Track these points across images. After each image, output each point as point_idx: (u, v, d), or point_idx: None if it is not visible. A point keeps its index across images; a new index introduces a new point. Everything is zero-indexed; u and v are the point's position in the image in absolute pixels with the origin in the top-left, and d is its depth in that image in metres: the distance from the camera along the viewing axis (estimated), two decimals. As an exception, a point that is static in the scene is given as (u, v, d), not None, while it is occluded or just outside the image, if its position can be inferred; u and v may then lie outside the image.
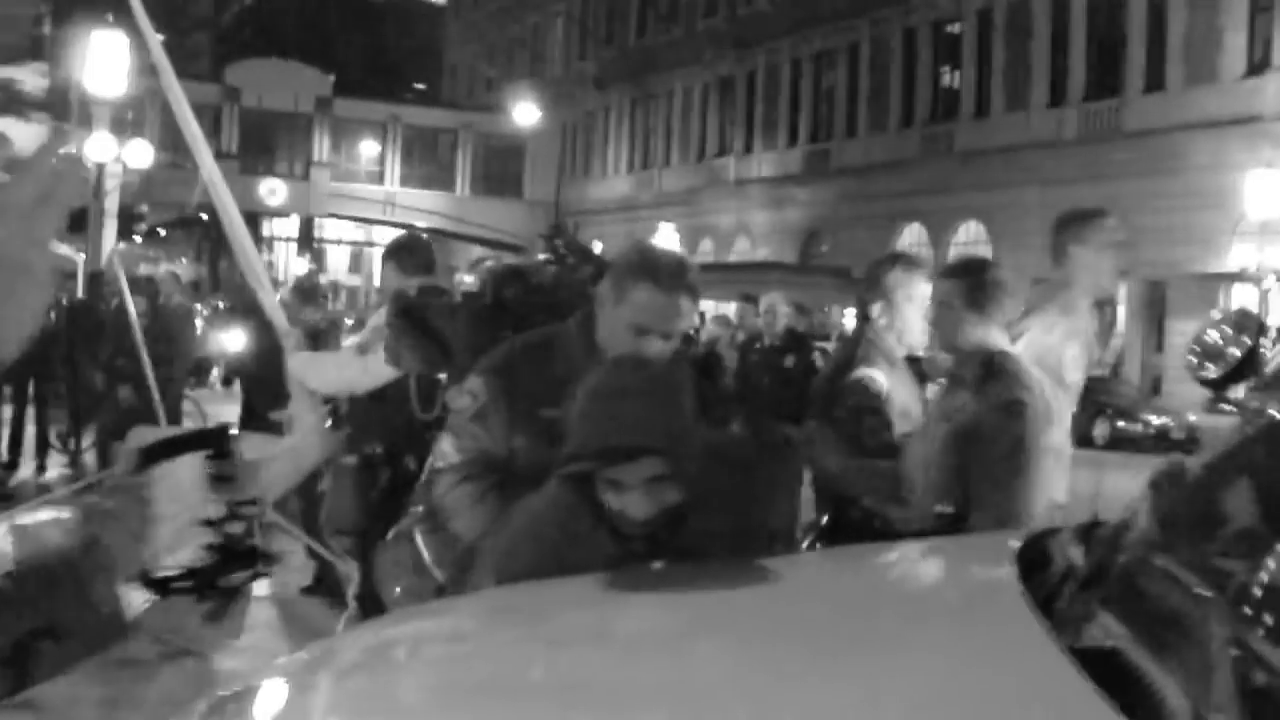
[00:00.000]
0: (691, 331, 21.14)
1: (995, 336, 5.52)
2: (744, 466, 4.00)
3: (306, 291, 14.52)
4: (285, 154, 72.40)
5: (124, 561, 2.58)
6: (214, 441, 2.79)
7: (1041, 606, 2.77)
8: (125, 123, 40.43)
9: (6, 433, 17.49)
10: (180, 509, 5.78)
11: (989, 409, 5.21)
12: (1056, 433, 5.70)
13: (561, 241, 6.56)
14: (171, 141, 67.46)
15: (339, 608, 9.21)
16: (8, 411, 17.55)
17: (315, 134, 72.17)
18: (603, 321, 4.46)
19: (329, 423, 7.62)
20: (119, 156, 29.87)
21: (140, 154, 31.03)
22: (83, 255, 25.88)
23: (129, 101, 41.99)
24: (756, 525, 3.82)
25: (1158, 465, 3.29)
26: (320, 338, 11.30)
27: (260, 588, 9.83)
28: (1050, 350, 6.26)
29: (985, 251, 45.54)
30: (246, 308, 15.49)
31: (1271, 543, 2.66)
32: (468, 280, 13.05)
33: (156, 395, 12.58)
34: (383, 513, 6.61)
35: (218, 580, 2.89)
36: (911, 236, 49.64)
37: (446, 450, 4.61)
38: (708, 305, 41.33)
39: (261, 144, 71.00)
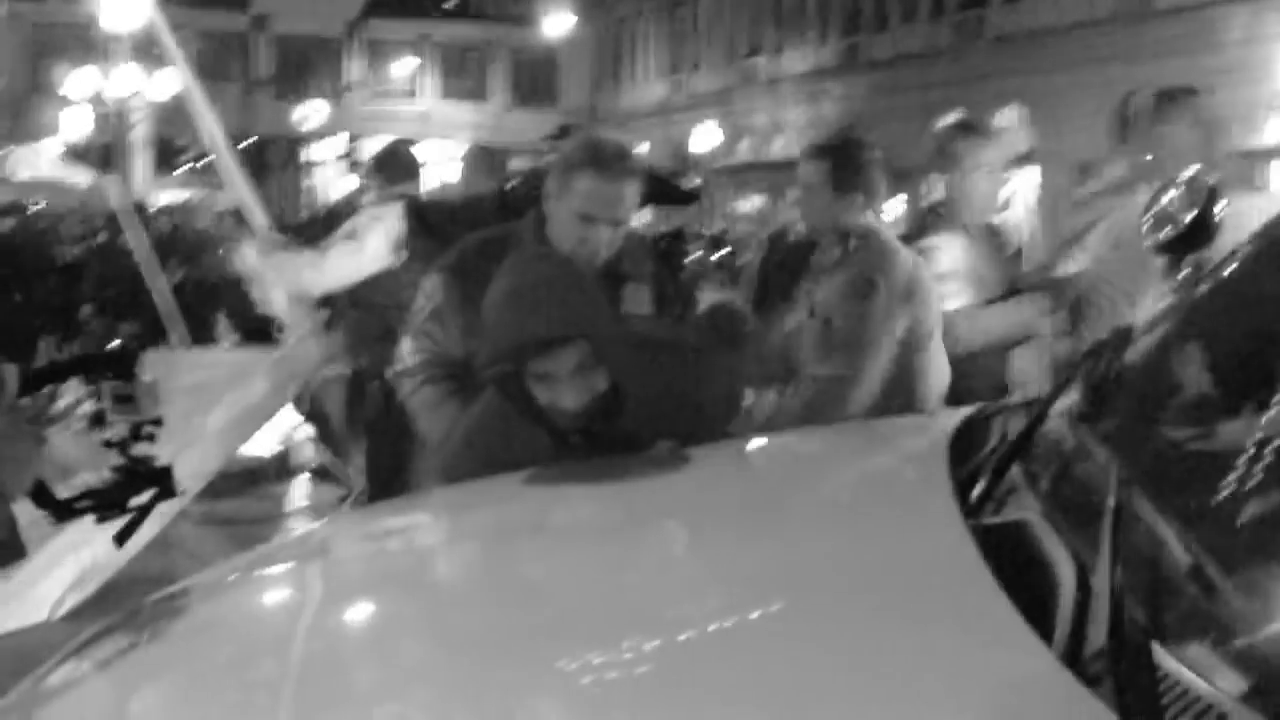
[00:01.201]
0: (717, 232, 21.44)
1: (858, 215, 5.42)
2: (678, 356, 3.99)
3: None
4: (319, 78, 72.30)
5: (11, 483, 2.56)
6: (113, 363, 2.76)
7: (964, 484, 2.73)
8: (152, 54, 40.27)
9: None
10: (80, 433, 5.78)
11: (838, 287, 5.13)
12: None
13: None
14: (208, 68, 68.20)
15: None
16: None
17: (348, 56, 72.05)
18: (551, 216, 4.49)
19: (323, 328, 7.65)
20: (139, 91, 29.84)
21: (167, 85, 30.97)
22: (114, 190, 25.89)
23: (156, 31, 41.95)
24: (692, 416, 3.80)
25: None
26: None
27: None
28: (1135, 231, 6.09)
29: (1028, 137, 45.15)
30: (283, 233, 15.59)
31: (1202, 410, 2.62)
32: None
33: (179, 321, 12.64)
34: (378, 426, 6.63)
35: (123, 501, 2.87)
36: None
37: (405, 353, 4.62)
38: (746, 205, 41.32)
39: (294, 69, 70.91)
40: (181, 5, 67.63)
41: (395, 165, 7.70)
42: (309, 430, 12.94)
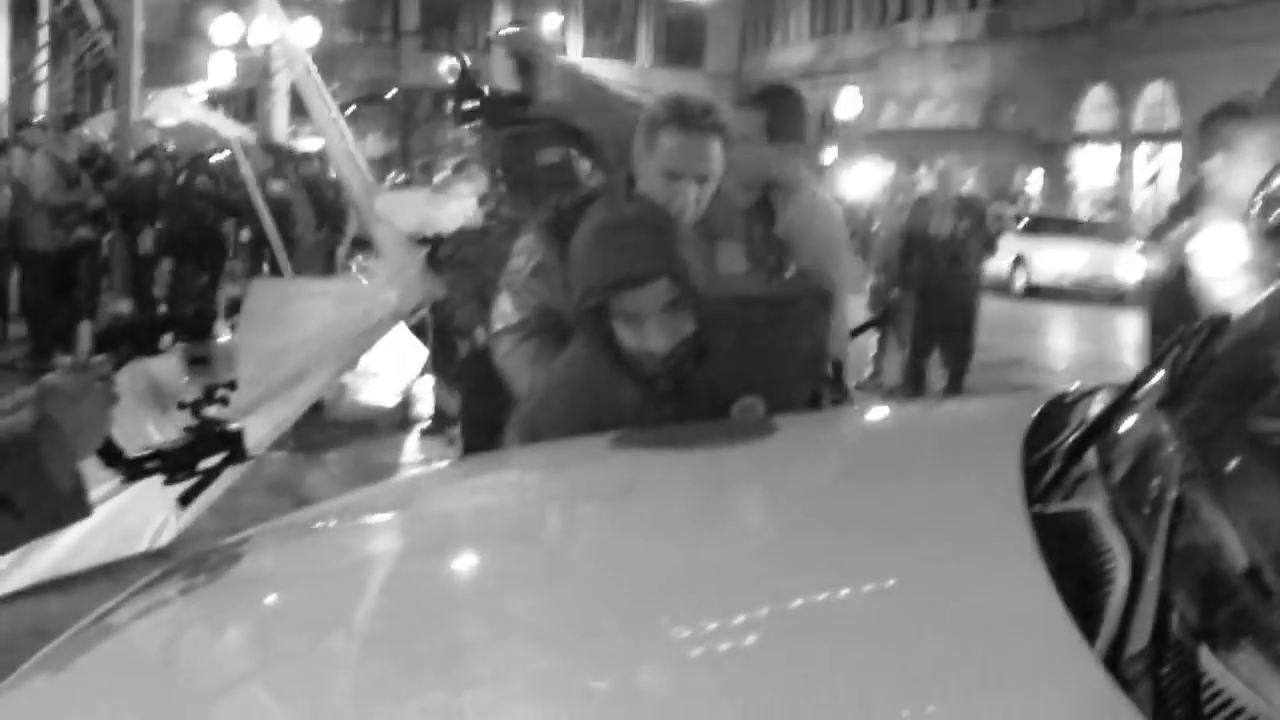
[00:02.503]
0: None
1: (793, 167, 5.32)
2: (766, 309, 3.95)
3: None
4: (467, 29, 72.63)
5: (81, 441, 2.55)
6: (190, 324, 2.75)
7: (1034, 471, 2.64)
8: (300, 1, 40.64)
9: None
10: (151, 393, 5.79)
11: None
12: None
13: None
14: (355, 19, 68.87)
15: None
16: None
17: (496, 8, 72.28)
18: (640, 175, 4.45)
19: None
20: (282, 37, 30.07)
21: (308, 32, 31.24)
22: (255, 135, 26.22)
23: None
24: (778, 372, 3.76)
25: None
26: None
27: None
28: None
29: (1173, 114, 44.55)
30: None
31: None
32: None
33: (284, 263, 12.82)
34: (471, 384, 6.61)
35: (192, 463, 2.86)
36: (1097, 99, 48.61)
37: (506, 311, 4.59)
38: (884, 173, 40.95)
39: (442, 21, 71.29)
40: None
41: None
42: (428, 382, 13.01)
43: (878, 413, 4.08)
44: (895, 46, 59.99)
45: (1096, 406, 3.01)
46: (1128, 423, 2.74)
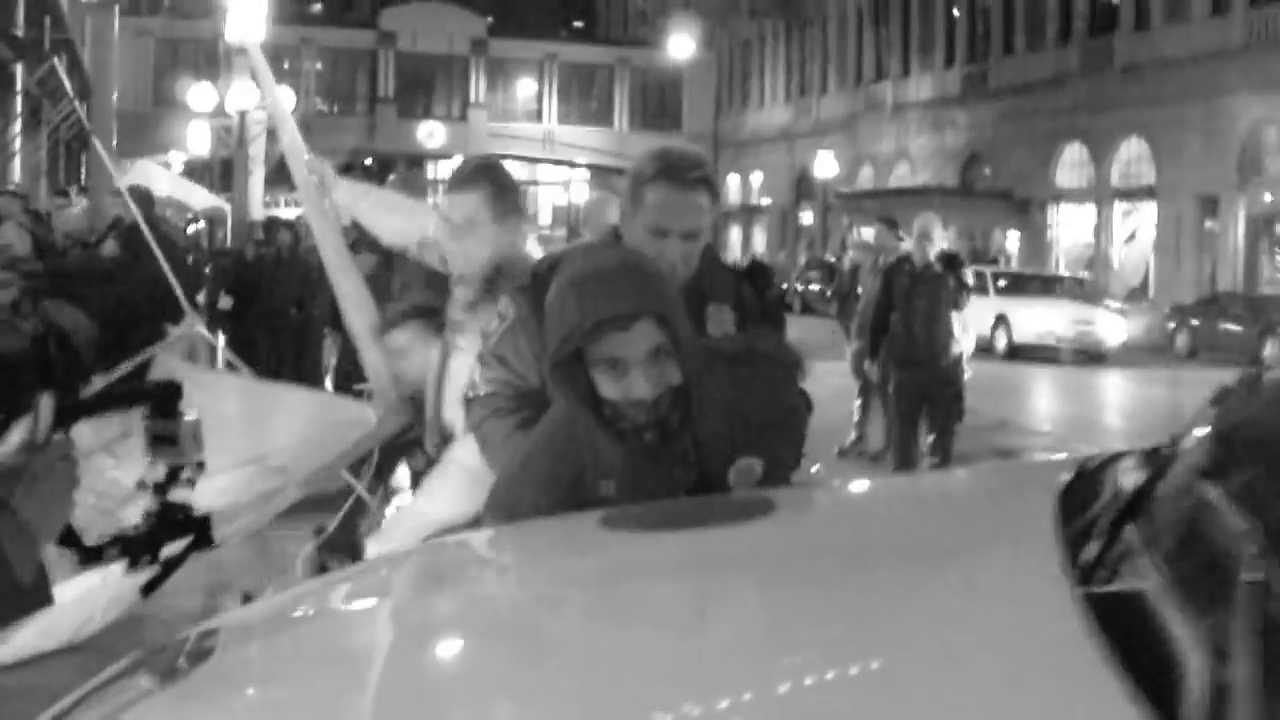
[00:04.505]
0: (833, 259, 21.31)
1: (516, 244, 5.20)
2: (754, 364, 3.74)
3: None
4: (443, 96, 72.97)
5: (41, 526, 2.34)
6: (156, 397, 2.55)
7: (1074, 544, 2.43)
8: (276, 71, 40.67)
9: None
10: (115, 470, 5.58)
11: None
12: None
13: None
14: (328, 90, 69.09)
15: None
16: None
17: (472, 75, 72.57)
18: (626, 233, 4.27)
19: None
20: (260, 105, 29.95)
21: (283, 100, 31.09)
22: (229, 205, 26.09)
23: (281, 50, 42.38)
24: (767, 427, 3.56)
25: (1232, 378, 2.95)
26: None
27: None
28: None
29: (1149, 169, 44.64)
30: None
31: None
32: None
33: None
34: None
35: (155, 550, 2.65)
36: (1073, 155, 48.68)
37: (476, 380, 4.39)
38: (867, 233, 41.01)
39: (419, 87, 71.65)
40: (308, 23, 68.51)
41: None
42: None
43: (887, 485, 3.84)
44: (871, 107, 60.16)
45: (1129, 474, 2.81)
46: (1169, 493, 2.55)
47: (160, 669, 2.84)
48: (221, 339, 10.64)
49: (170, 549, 2.70)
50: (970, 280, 14.42)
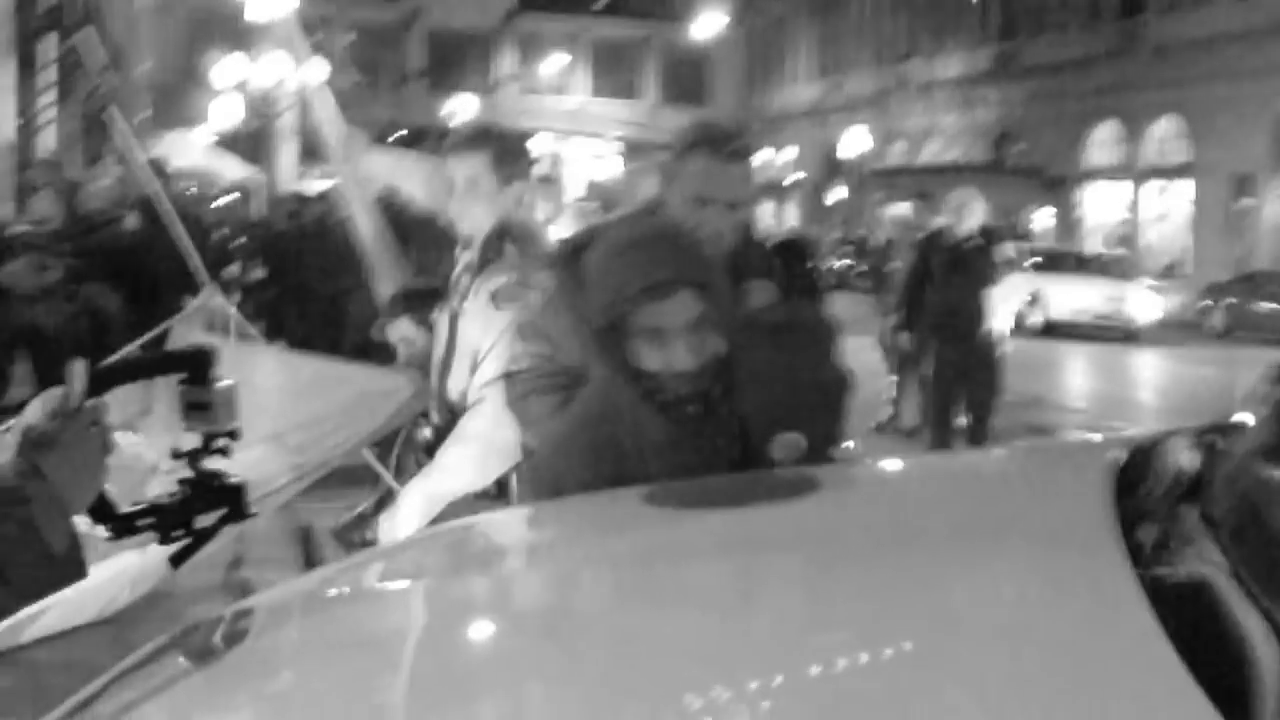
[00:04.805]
0: (865, 235, 21.10)
1: (517, 209, 5.14)
2: (796, 334, 3.70)
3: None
4: (474, 70, 72.84)
5: (74, 495, 2.28)
6: (189, 364, 2.49)
7: (1130, 526, 2.37)
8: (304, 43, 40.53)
9: None
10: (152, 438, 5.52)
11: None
12: None
13: None
14: (360, 63, 69.06)
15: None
16: None
17: (500, 50, 72.48)
18: (666, 202, 4.23)
19: None
20: (286, 78, 29.87)
21: (316, 72, 30.98)
22: (262, 177, 26.05)
23: (313, 23, 42.24)
24: (809, 399, 3.51)
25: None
26: None
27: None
28: None
29: (1183, 147, 44.39)
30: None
31: None
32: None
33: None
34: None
35: (188, 520, 2.59)
36: (1106, 133, 48.41)
37: (517, 353, 4.34)
38: (894, 210, 40.88)
39: (449, 62, 71.47)
40: (338, -1, 68.40)
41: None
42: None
43: (933, 463, 3.78)
44: (902, 84, 59.90)
45: (1185, 455, 2.75)
46: (1229, 474, 2.49)
47: (195, 650, 2.81)
48: (234, 309, 10.51)
49: (203, 520, 2.64)
50: (1012, 255, 14.26)
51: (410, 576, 3.15)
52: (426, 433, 5.44)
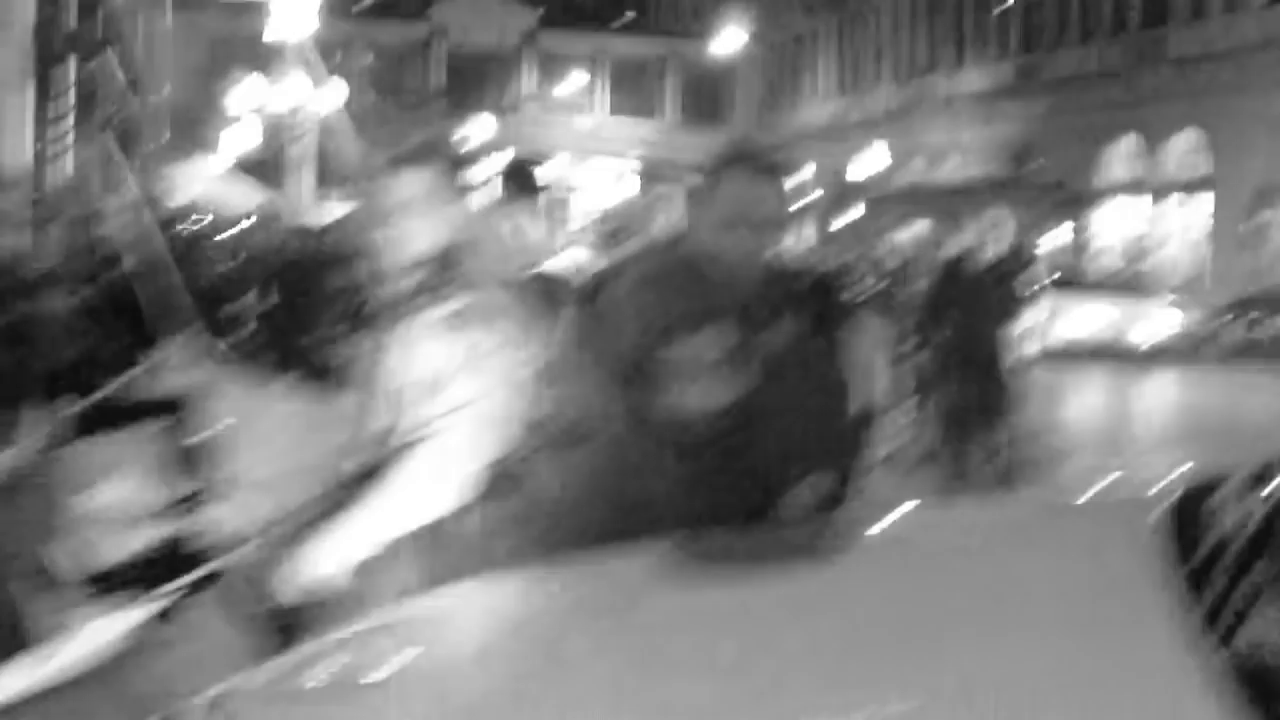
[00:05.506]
0: (880, 255, 20.89)
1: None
2: (816, 377, 3.55)
3: None
4: (494, 89, 72.88)
5: (19, 558, 2.17)
6: (171, 411, 2.36)
7: (1193, 588, 2.21)
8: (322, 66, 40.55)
9: None
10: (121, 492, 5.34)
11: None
12: None
13: None
14: (380, 84, 69.15)
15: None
16: None
17: (520, 70, 72.54)
18: (694, 225, 4.06)
19: None
20: (306, 102, 29.77)
21: (334, 95, 30.99)
22: (280, 202, 25.97)
23: (332, 44, 42.33)
24: (828, 443, 3.36)
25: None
26: None
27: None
28: None
29: (1205, 161, 44.12)
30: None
31: None
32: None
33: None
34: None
35: (159, 582, 2.46)
36: (1127, 148, 48.16)
37: (539, 396, 4.17)
38: (912, 230, 40.69)
39: (469, 81, 71.54)
40: (359, 17, 68.62)
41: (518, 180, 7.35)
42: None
43: (969, 516, 3.56)
44: (923, 99, 59.73)
45: (1244, 502, 2.59)
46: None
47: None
48: (226, 347, 10.37)
49: (181, 580, 2.52)
50: (1043, 280, 14.02)
51: (395, 656, 2.96)
52: (349, 465, 5.18)
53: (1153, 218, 46.99)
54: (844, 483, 3.55)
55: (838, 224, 60.92)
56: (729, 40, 62.14)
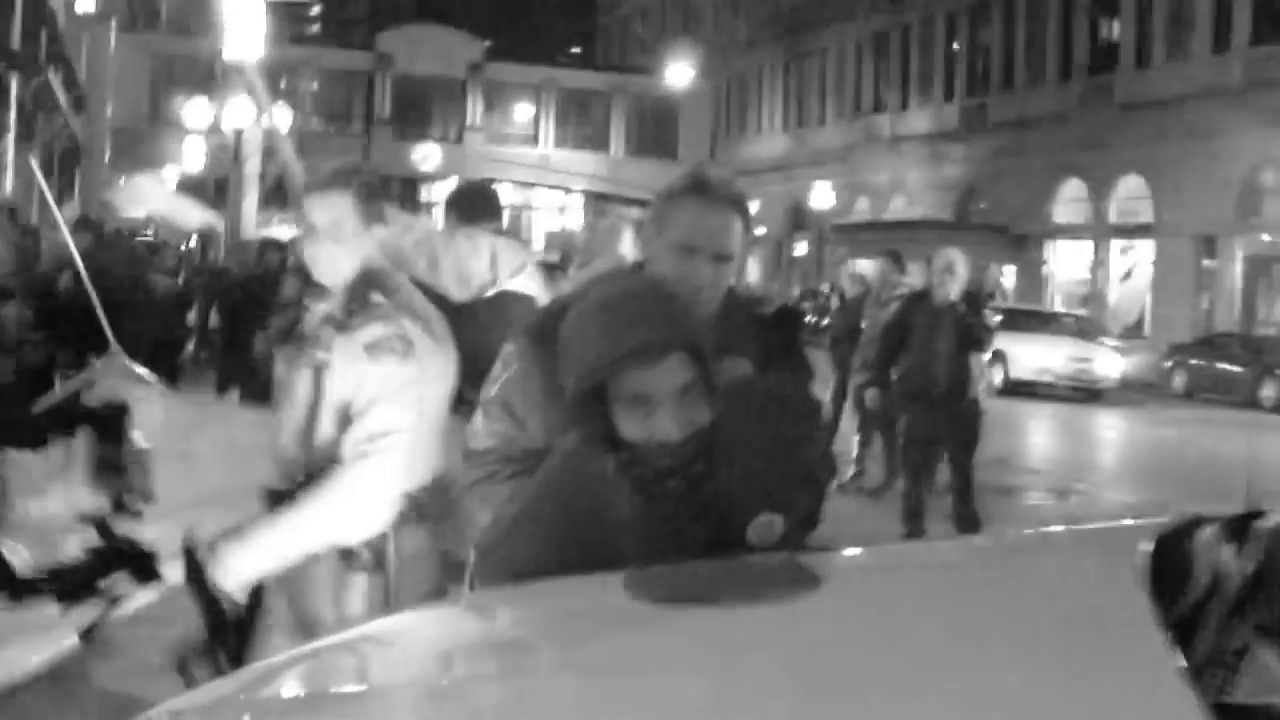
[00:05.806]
0: (827, 290, 20.98)
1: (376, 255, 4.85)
2: (781, 407, 3.44)
3: None
4: (439, 119, 72.87)
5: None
6: (102, 422, 2.28)
7: (1178, 636, 2.11)
8: (269, 89, 40.38)
9: None
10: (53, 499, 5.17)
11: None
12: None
13: None
14: (325, 110, 69.03)
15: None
16: None
17: (469, 98, 72.50)
18: (649, 257, 3.96)
19: None
20: (250, 125, 29.60)
21: (280, 119, 30.79)
22: (222, 223, 25.82)
23: (279, 69, 42.18)
24: (793, 477, 3.25)
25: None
26: None
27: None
28: None
29: (1147, 207, 44.43)
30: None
31: None
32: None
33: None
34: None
35: (92, 582, 2.36)
36: (1070, 192, 48.46)
37: (478, 429, 4.02)
38: (864, 265, 40.84)
39: (415, 109, 71.50)
40: (306, 43, 68.59)
41: (474, 202, 7.20)
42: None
43: (939, 556, 3.46)
44: (869, 139, 60.00)
45: (1226, 549, 2.49)
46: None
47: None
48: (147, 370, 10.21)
49: (110, 583, 2.40)
50: (996, 319, 14.10)
51: (358, 680, 2.85)
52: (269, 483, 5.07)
53: (1095, 262, 47.26)
54: (813, 513, 3.47)
55: (795, 253, 61.22)
56: (677, 75, 62.26)
